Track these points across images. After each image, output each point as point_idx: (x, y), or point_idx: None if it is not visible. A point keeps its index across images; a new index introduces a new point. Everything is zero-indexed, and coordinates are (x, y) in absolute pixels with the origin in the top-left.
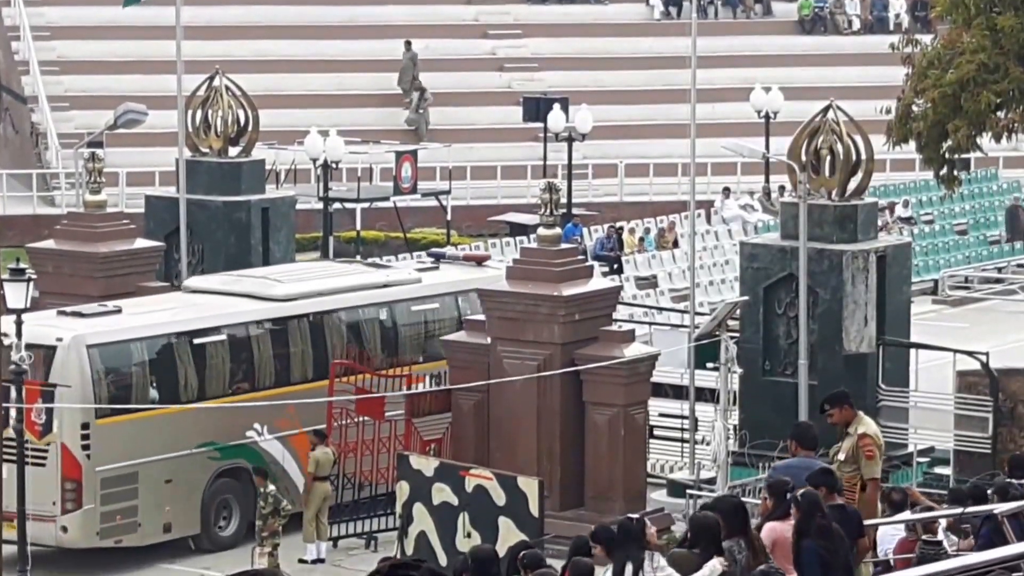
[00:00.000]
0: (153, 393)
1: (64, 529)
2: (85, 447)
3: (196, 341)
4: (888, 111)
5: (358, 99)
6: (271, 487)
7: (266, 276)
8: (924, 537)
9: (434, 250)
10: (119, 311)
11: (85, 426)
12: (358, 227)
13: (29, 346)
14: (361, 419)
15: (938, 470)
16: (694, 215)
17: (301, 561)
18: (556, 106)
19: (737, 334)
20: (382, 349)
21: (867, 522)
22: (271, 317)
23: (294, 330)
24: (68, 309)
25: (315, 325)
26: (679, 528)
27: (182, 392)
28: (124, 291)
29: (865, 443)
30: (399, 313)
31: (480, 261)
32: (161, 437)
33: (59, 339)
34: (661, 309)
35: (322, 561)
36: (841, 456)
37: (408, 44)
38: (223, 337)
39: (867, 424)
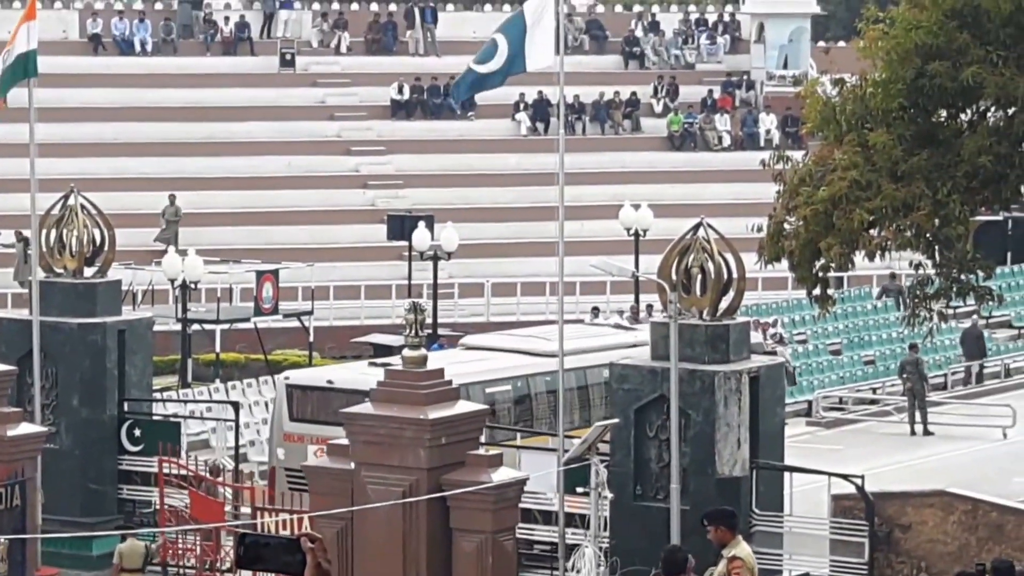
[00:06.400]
0: None
1: None
2: None
3: (487, 390)
4: (759, 229)
5: (218, 217)
6: None
7: (533, 335)
8: None
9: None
10: None
11: None
12: (217, 349)
13: (348, 392)
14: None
15: None
16: (563, 335)
17: None
18: (421, 224)
19: (608, 457)
20: None
21: None
22: (545, 371)
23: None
24: (378, 361)
25: (579, 378)
26: None
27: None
28: None
29: (734, 566)
30: None
31: None
32: None
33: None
34: (530, 432)
35: None
36: None
37: (172, 198)
38: (508, 387)
39: (740, 547)
